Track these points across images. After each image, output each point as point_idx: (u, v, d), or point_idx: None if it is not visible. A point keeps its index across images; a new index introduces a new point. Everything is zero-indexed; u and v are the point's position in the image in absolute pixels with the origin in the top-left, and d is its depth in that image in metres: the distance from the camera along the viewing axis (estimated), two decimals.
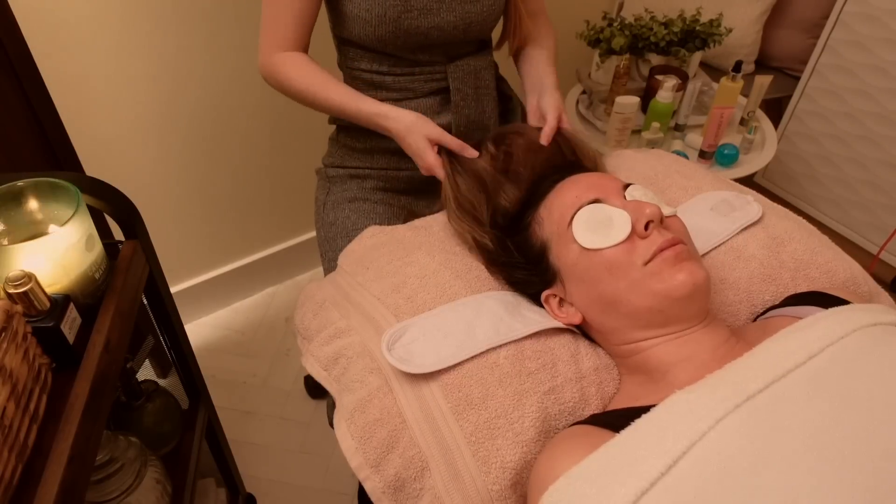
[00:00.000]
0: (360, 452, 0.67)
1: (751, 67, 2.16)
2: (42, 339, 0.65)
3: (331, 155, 1.12)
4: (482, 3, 0.96)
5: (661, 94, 1.61)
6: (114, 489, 0.87)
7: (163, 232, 1.52)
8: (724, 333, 0.68)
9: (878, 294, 0.84)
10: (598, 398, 0.71)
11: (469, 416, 0.66)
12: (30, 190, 0.72)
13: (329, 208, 1.10)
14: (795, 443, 0.50)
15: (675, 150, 1.62)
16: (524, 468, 0.65)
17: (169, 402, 1.05)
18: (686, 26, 1.71)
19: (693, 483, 0.50)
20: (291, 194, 1.87)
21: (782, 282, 0.80)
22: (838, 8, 1.91)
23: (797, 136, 2.18)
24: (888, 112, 1.90)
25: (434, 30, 0.94)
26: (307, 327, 0.84)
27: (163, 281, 0.95)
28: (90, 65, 1.37)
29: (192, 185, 1.69)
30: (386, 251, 0.85)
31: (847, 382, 0.54)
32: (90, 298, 0.74)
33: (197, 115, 1.58)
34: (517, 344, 0.71)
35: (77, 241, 0.69)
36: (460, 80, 1.01)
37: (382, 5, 0.90)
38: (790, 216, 0.89)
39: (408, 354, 0.69)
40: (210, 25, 1.47)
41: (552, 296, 0.75)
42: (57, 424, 0.62)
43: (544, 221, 0.76)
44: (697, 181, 0.94)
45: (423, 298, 0.76)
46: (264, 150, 1.75)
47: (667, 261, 0.66)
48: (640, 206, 0.69)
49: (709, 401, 0.55)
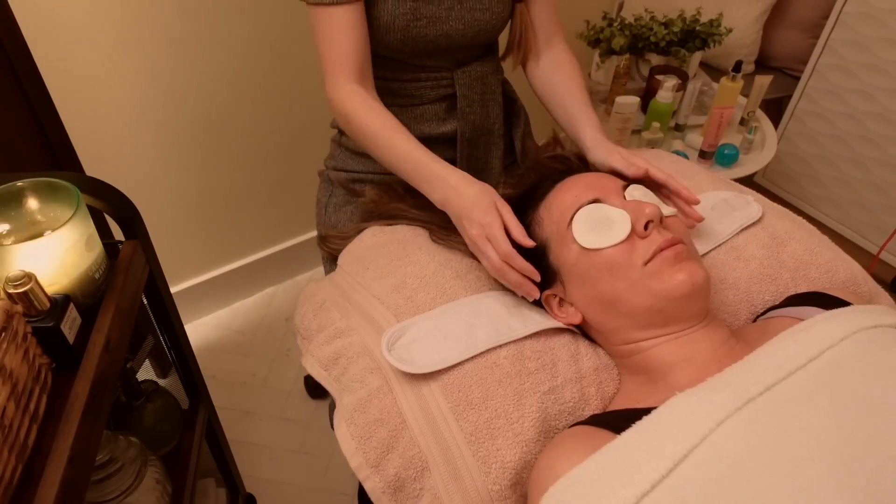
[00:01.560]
0: (360, 452, 0.67)
1: (751, 67, 2.16)
2: (42, 339, 0.65)
3: (332, 157, 1.12)
4: (491, 12, 0.95)
5: (661, 94, 1.61)
6: (114, 489, 0.87)
7: (163, 232, 1.52)
8: (723, 334, 0.68)
9: (878, 294, 0.84)
10: (598, 398, 0.71)
11: (469, 416, 0.66)
12: (30, 190, 0.72)
13: (331, 210, 1.10)
14: (796, 445, 0.50)
15: (675, 150, 1.62)
16: (524, 468, 0.65)
17: (169, 402, 1.05)
18: (686, 26, 1.71)
19: (694, 486, 0.50)
20: (291, 194, 1.88)
21: (782, 282, 0.80)
22: (838, 8, 1.91)
23: (797, 136, 2.18)
24: (888, 112, 1.90)
25: (442, 37, 0.93)
26: (307, 327, 0.84)
27: (163, 281, 0.95)
28: (90, 65, 1.37)
29: (193, 185, 1.69)
30: (386, 251, 0.85)
31: (847, 385, 0.54)
32: (90, 298, 0.74)
33: (197, 114, 1.58)
34: (517, 344, 0.71)
35: (77, 241, 0.69)
36: (467, 86, 1.00)
37: (391, 14, 0.89)
38: (790, 216, 0.89)
39: (408, 354, 0.69)
40: (210, 25, 1.47)
41: (552, 296, 0.75)
42: (57, 424, 0.62)
43: (544, 221, 0.76)
44: (697, 181, 0.94)
45: (423, 298, 0.76)
46: (264, 150, 1.75)
47: (666, 261, 0.66)
48: (639, 205, 0.69)
49: (709, 403, 0.55)
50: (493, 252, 0.73)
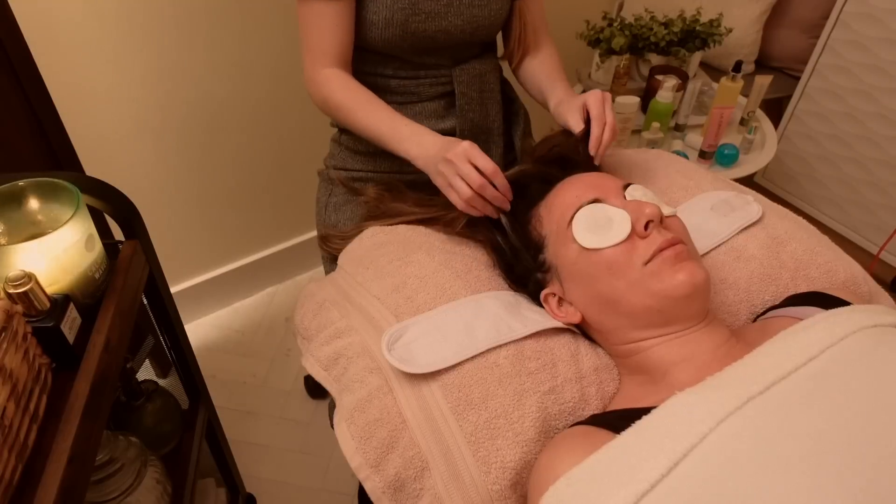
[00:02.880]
0: (360, 452, 0.67)
1: (751, 67, 2.16)
2: (42, 339, 0.65)
3: (332, 157, 1.12)
4: (489, 7, 0.95)
5: (661, 94, 1.61)
6: (114, 489, 0.87)
7: (163, 232, 1.52)
8: (723, 334, 0.68)
9: (878, 294, 0.84)
10: (598, 398, 0.71)
11: (469, 416, 0.66)
12: (30, 190, 0.72)
13: (331, 210, 1.10)
14: (795, 445, 0.50)
15: (675, 150, 1.62)
16: (524, 468, 0.65)
17: (169, 402, 1.05)
18: (686, 26, 1.71)
19: (693, 485, 0.50)
20: (292, 194, 1.88)
21: (782, 282, 0.80)
22: (838, 8, 1.91)
23: (797, 136, 2.18)
24: (888, 112, 1.90)
25: (441, 33, 0.94)
26: (307, 327, 0.84)
27: (163, 281, 0.95)
28: (90, 65, 1.37)
29: (192, 185, 1.69)
30: (386, 251, 0.85)
31: (847, 384, 0.54)
32: (90, 298, 0.74)
33: (197, 114, 1.58)
34: (517, 344, 0.71)
35: (77, 241, 0.69)
36: (466, 83, 1.00)
37: (390, 9, 0.90)
38: (790, 216, 0.89)
39: (408, 354, 0.69)
40: (211, 25, 1.47)
41: (551, 295, 0.75)
42: (57, 424, 0.62)
43: (544, 220, 0.77)
44: (697, 181, 0.94)
45: (423, 298, 0.76)
46: (264, 149, 1.75)
47: (666, 261, 0.66)
48: (639, 205, 0.69)
49: (709, 403, 0.55)
50: (464, 184, 0.78)
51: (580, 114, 0.88)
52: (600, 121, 0.85)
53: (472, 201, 0.79)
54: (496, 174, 0.79)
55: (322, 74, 0.93)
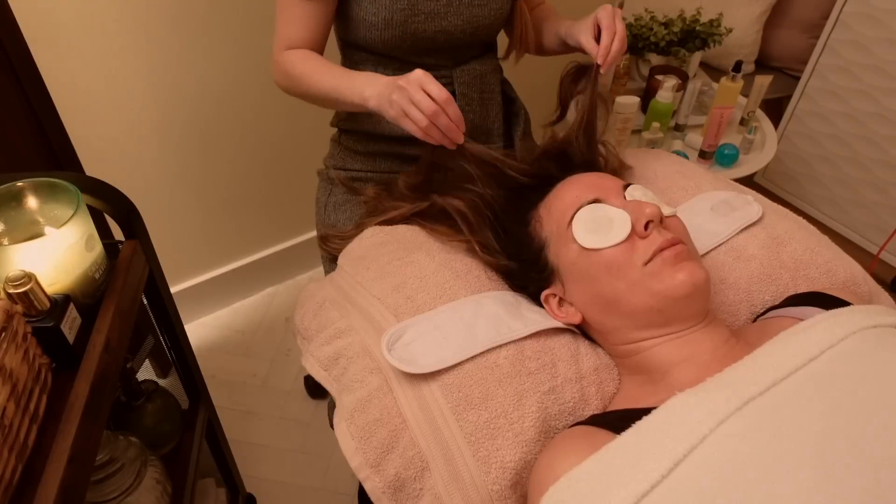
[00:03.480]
0: (360, 452, 0.67)
1: (751, 67, 2.16)
2: (42, 339, 0.65)
3: (332, 156, 1.12)
4: (489, 7, 0.95)
5: (661, 94, 1.61)
6: (114, 489, 0.87)
7: (163, 232, 1.52)
8: (723, 334, 0.68)
9: (878, 294, 0.84)
10: (598, 398, 0.71)
11: (469, 416, 0.66)
12: (30, 190, 0.72)
13: (330, 210, 1.10)
14: (795, 446, 0.50)
15: (675, 150, 1.62)
16: (524, 468, 0.65)
17: (169, 402, 1.05)
18: (686, 26, 1.71)
19: (693, 486, 0.50)
20: (291, 194, 1.87)
21: (782, 282, 0.80)
22: (838, 8, 1.91)
23: (797, 136, 2.18)
24: (888, 112, 1.90)
25: (441, 34, 0.94)
26: (307, 327, 0.84)
27: (163, 281, 0.95)
28: (90, 65, 1.37)
29: (192, 185, 1.69)
30: (386, 251, 0.85)
31: (846, 385, 0.54)
32: (90, 298, 0.74)
33: (197, 114, 1.58)
34: (517, 344, 0.71)
35: (77, 241, 0.69)
36: (466, 84, 1.00)
37: (389, 9, 0.90)
38: (790, 216, 0.89)
39: (408, 354, 0.69)
40: (210, 24, 1.47)
41: (552, 295, 0.75)
42: (57, 424, 0.62)
43: (544, 221, 0.77)
44: (697, 181, 0.94)
45: (423, 298, 0.76)
46: (264, 149, 1.75)
47: (666, 261, 0.66)
48: (639, 206, 0.69)
49: (709, 403, 0.55)
50: (419, 112, 0.78)
51: (592, 31, 0.90)
52: (610, 31, 0.87)
53: (430, 130, 0.79)
54: (449, 102, 0.78)
55: (283, 54, 0.95)
